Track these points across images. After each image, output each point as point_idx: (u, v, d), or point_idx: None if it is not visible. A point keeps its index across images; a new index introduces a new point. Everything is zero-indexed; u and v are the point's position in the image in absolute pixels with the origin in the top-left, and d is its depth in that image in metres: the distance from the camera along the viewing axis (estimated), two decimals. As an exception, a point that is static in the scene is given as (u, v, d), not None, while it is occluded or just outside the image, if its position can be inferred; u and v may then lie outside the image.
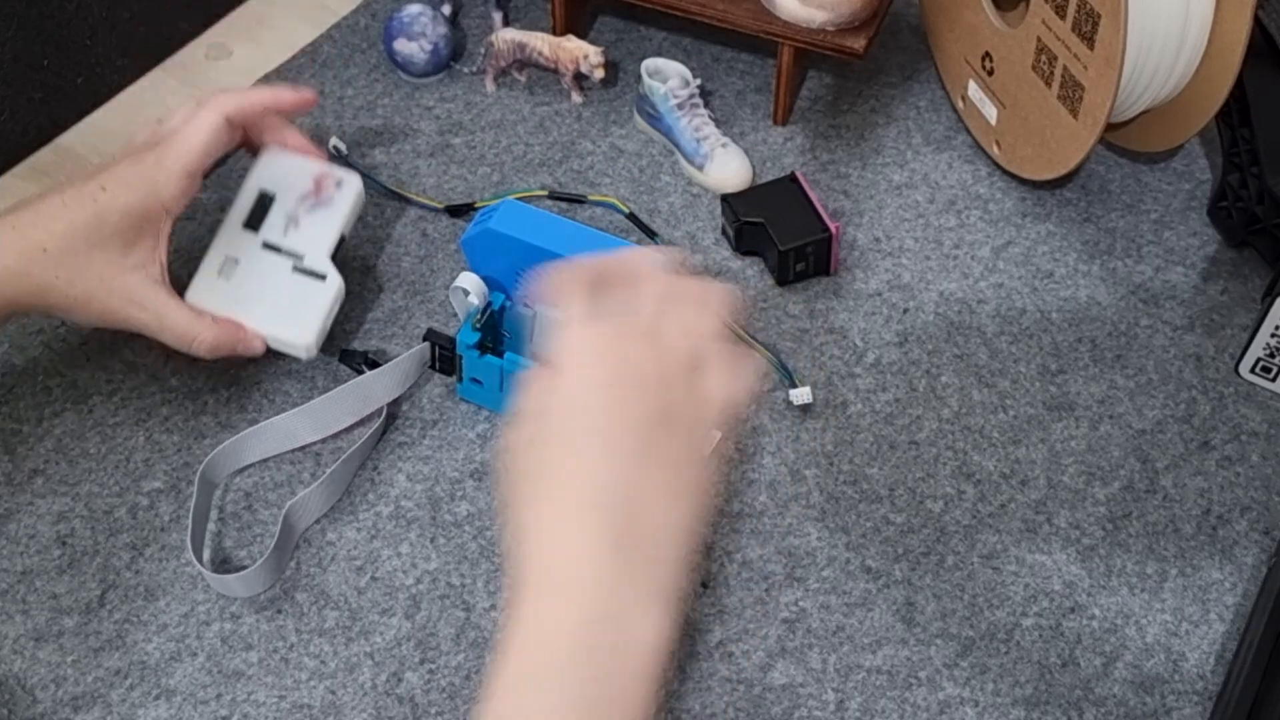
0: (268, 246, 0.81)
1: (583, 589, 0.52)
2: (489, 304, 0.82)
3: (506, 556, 0.55)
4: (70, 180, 0.75)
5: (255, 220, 0.81)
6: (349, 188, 0.82)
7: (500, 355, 0.80)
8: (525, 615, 0.52)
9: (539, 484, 0.54)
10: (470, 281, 0.81)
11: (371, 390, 0.81)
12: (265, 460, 0.81)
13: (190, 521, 0.75)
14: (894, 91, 1.04)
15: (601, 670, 0.52)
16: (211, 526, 0.78)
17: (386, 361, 0.82)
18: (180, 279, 0.91)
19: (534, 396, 0.54)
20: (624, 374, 0.54)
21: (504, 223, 0.80)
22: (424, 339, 0.83)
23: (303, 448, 0.81)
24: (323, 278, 0.80)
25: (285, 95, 0.82)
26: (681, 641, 0.73)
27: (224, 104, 0.78)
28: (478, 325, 0.80)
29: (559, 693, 0.51)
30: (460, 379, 0.82)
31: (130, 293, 0.75)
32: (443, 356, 0.83)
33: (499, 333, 0.83)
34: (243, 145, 0.82)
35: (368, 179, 0.96)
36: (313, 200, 0.82)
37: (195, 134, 0.76)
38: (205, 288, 0.79)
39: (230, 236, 0.81)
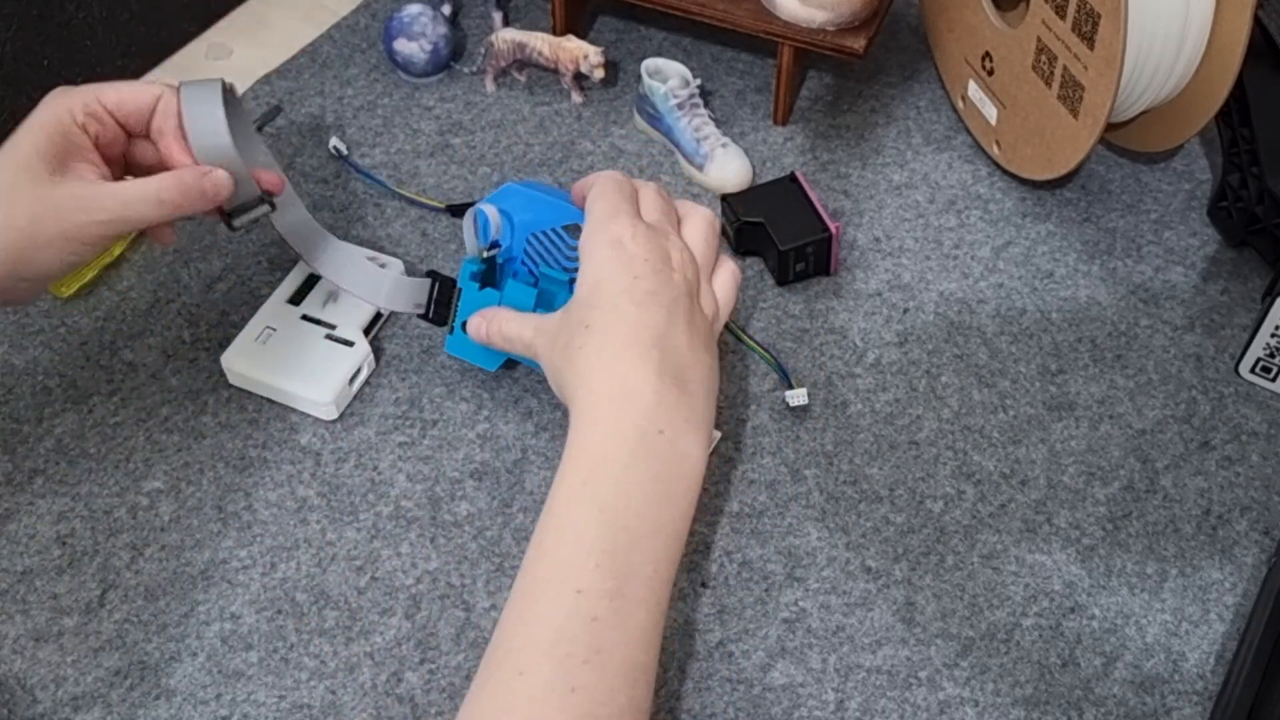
0: (306, 318, 0.85)
1: (641, 405, 0.61)
2: (496, 242, 0.79)
3: (566, 398, 0.65)
4: None
5: (298, 297, 0.86)
6: (391, 270, 0.87)
7: (499, 290, 0.79)
8: (589, 427, 0.62)
9: (597, 331, 0.64)
10: (492, 212, 0.79)
11: (379, 283, 0.83)
12: (265, 453, 0.81)
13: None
14: (894, 91, 1.04)
15: (657, 473, 0.61)
16: (212, 526, 0.78)
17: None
18: (183, 279, 0.91)
19: (593, 268, 0.66)
20: (662, 259, 0.66)
21: (507, 200, 0.78)
22: (426, 274, 0.82)
23: (303, 447, 0.81)
24: (351, 344, 0.84)
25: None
26: (681, 641, 0.73)
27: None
28: (485, 255, 0.79)
29: (616, 486, 0.60)
30: (451, 329, 0.81)
31: (75, 199, 0.69)
32: (440, 300, 0.82)
33: (499, 278, 0.81)
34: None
35: (368, 179, 0.96)
36: None
37: (106, 88, 0.73)
38: (242, 351, 0.84)
39: (273, 309, 0.86)
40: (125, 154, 0.74)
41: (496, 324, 0.73)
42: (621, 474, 0.60)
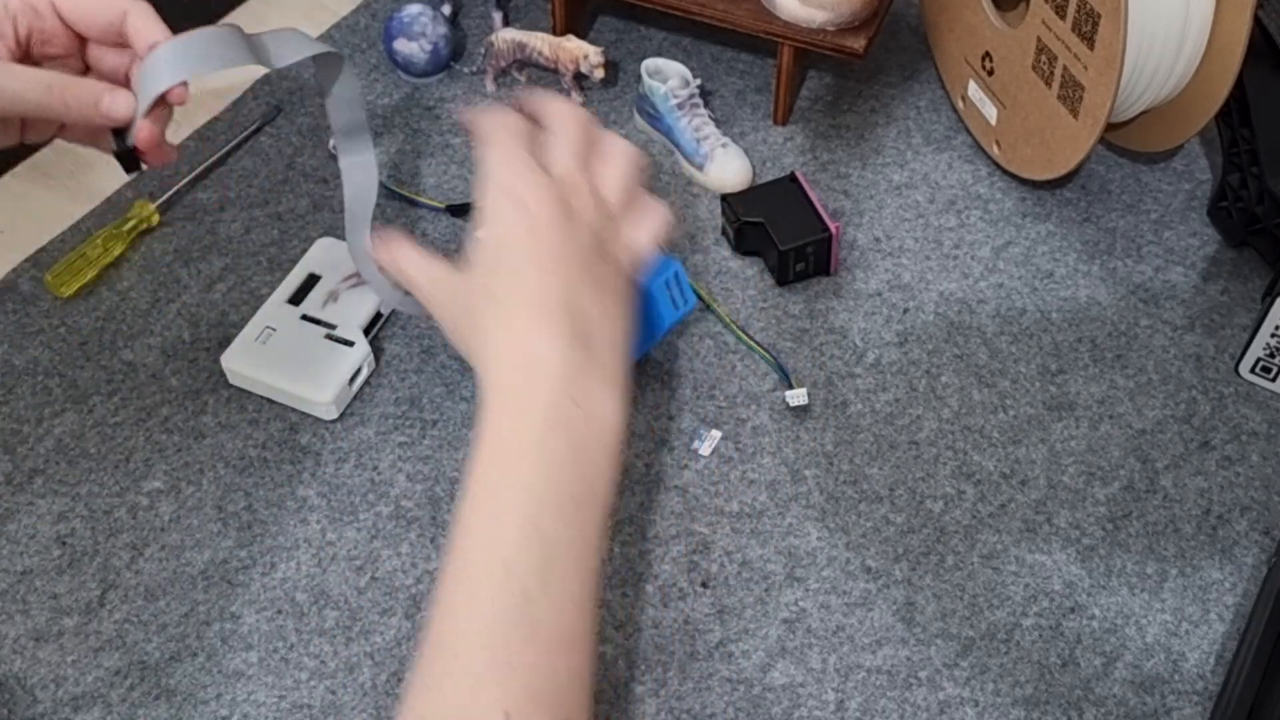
0: (306, 318, 0.85)
1: (550, 373, 0.60)
2: None
3: (473, 364, 0.63)
4: None
5: (298, 297, 0.86)
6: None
7: None
8: (499, 402, 0.61)
9: (500, 299, 0.62)
10: None
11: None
12: (265, 453, 0.81)
13: None
14: (894, 91, 1.04)
15: (574, 442, 0.60)
16: (212, 526, 0.78)
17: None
18: (183, 279, 0.91)
19: (492, 229, 0.64)
20: (563, 210, 0.64)
21: None
22: None
23: (303, 447, 0.81)
24: (351, 344, 0.83)
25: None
26: (681, 641, 0.73)
27: None
28: None
29: (533, 461, 0.59)
30: None
31: None
32: None
33: None
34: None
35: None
36: (355, 280, 0.86)
37: None
38: (241, 351, 0.84)
39: (273, 310, 0.86)
40: (82, 57, 0.69)
41: (398, 258, 0.69)
42: (537, 449, 0.59)
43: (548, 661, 0.56)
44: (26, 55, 0.67)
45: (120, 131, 0.67)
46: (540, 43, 0.99)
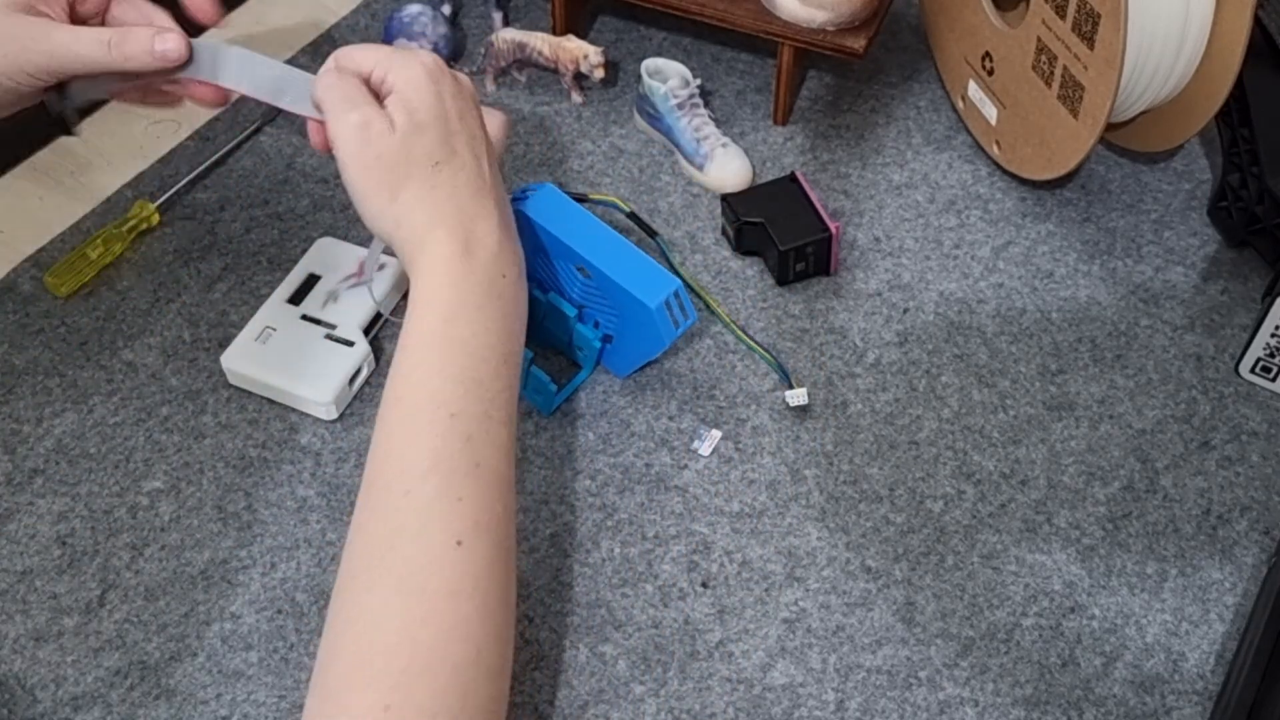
0: (306, 318, 0.85)
1: (489, 254, 0.67)
2: None
3: (406, 228, 0.67)
4: None
5: (298, 297, 0.86)
6: (390, 270, 0.88)
7: None
8: (442, 268, 0.66)
9: (438, 174, 0.67)
10: None
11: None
12: (265, 453, 0.81)
13: None
14: (894, 91, 1.04)
15: (504, 310, 0.67)
16: (212, 526, 0.78)
17: None
18: (183, 279, 0.91)
19: (419, 99, 0.67)
20: (456, 99, 0.69)
21: (536, 208, 0.80)
22: None
23: (303, 447, 0.82)
24: (351, 344, 0.84)
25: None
26: (681, 641, 0.73)
27: None
28: None
29: (472, 323, 0.66)
30: None
31: (27, 30, 0.70)
32: None
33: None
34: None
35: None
36: (354, 280, 0.87)
37: None
38: (241, 351, 0.84)
39: (273, 310, 0.86)
40: (105, 13, 0.75)
41: (325, 79, 0.69)
42: (477, 314, 0.66)
43: (489, 497, 0.63)
44: (73, 17, 0.73)
45: (60, 87, 0.72)
46: (540, 43, 0.99)
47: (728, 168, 0.95)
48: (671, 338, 0.79)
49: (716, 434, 0.82)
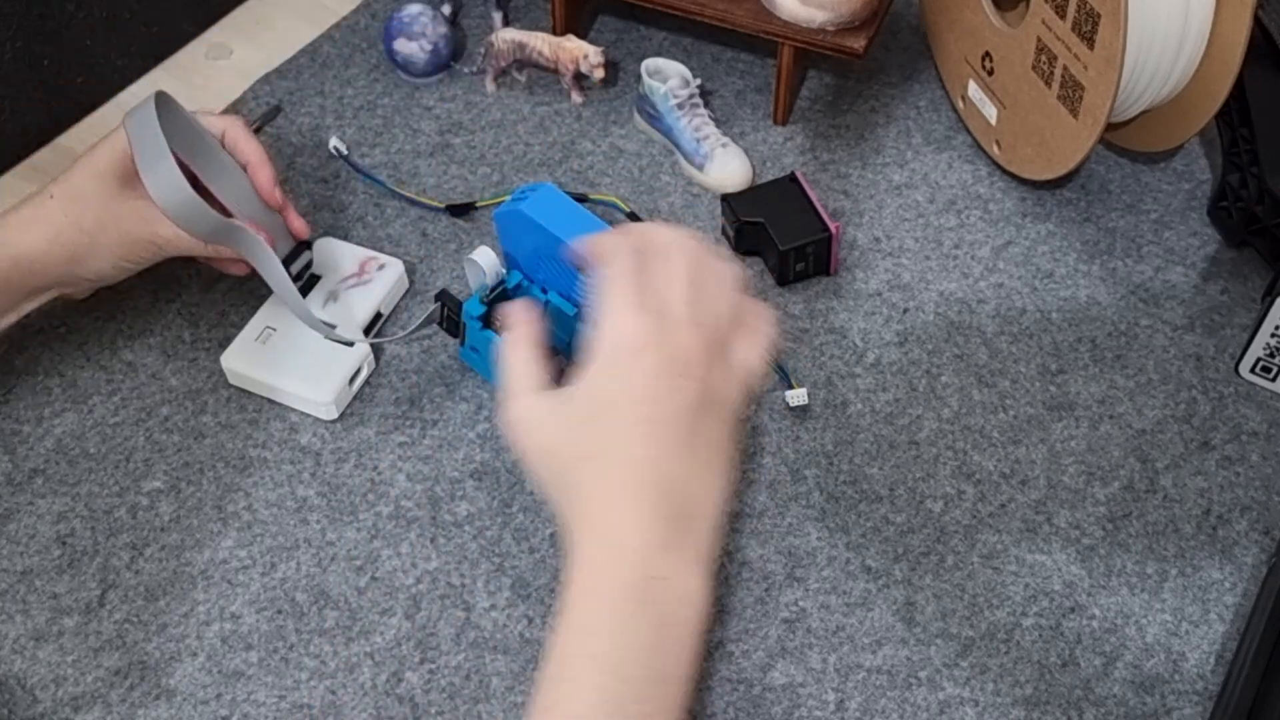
0: None
1: (636, 550, 0.57)
2: (502, 281, 0.81)
3: (562, 530, 0.60)
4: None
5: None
6: (391, 270, 0.88)
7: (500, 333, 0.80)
8: (581, 576, 0.58)
9: (595, 464, 0.59)
10: (485, 257, 0.80)
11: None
12: (265, 453, 0.81)
13: None
14: (894, 91, 1.04)
15: (657, 620, 0.57)
16: (212, 526, 0.78)
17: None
18: (183, 279, 0.91)
19: (600, 373, 0.60)
20: (673, 362, 0.59)
21: (536, 207, 0.80)
22: (436, 298, 0.82)
23: (303, 447, 0.82)
24: (351, 344, 0.84)
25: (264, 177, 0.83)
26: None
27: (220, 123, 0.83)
28: (486, 300, 0.80)
29: (612, 636, 0.56)
30: (462, 342, 0.83)
31: (138, 212, 0.78)
32: (449, 318, 0.83)
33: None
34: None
35: (368, 179, 0.96)
36: (355, 280, 0.87)
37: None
38: (241, 351, 0.84)
39: (273, 310, 0.86)
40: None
41: (508, 353, 0.65)
42: (618, 624, 0.57)
43: None
44: None
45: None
46: (540, 43, 0.99)
47: (728, 168, 0.95)
48: None
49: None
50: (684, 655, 0.58)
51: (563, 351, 0.86)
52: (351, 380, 0.83)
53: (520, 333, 0.66)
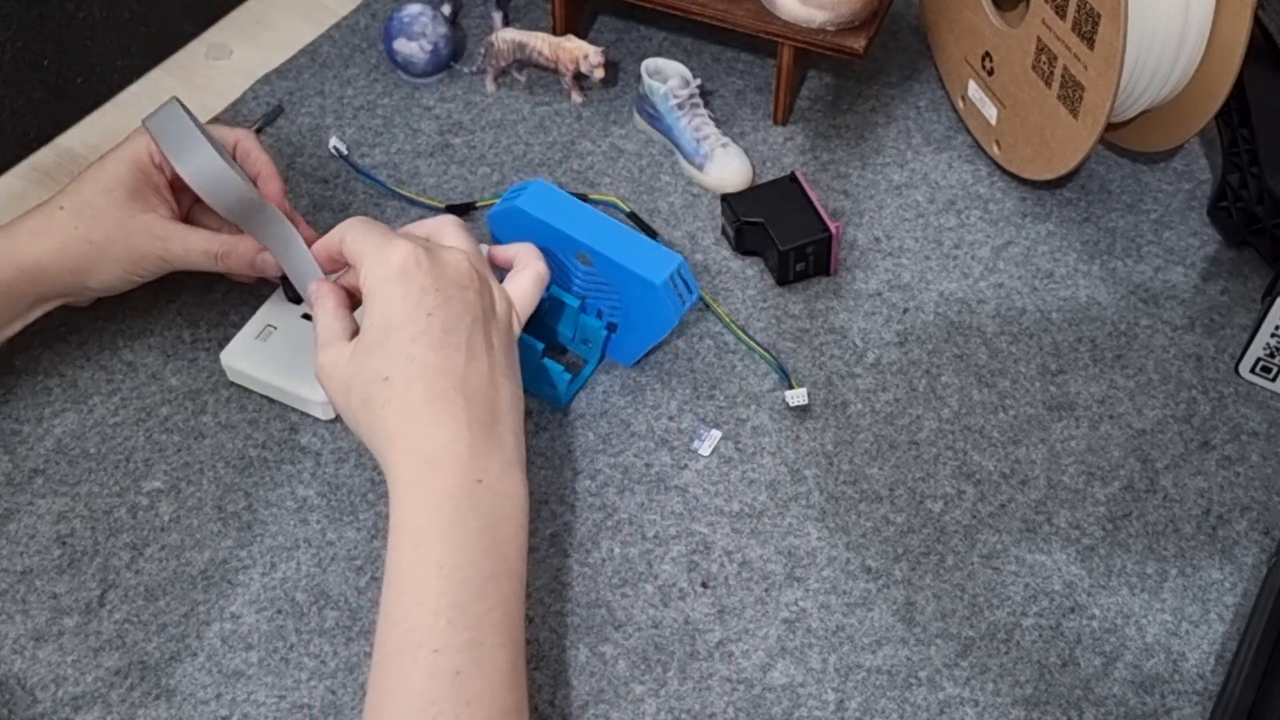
0: (307, 317, 0.84)
1: (456, 462, 0.62)
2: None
3: (379, 459, 0.64)
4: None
5: (299, 295, 0.85)
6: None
7: None
8: (406, 491, 0.62)
9: (394, 383, 0.63)
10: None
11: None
12: (265, 453, 0.81)
13: None
14: (894, 91, 1.04)
15: (484, 521, 0.62)
16: (212, 526, 0.78)
17: None
18: (183, 279, 0.91)
19: (379, 307, 0.65)
20: (443, 278, 0.66)
21: (531, 202, 0.80)
22: None
23: (303, 447, 0.82)
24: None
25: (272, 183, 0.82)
26: (681, 641, 0.73)
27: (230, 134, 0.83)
28: None
29: (447, 545, 0.61)
30: None
31: (147, 227, 0.78)
32: None
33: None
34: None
35: (368, 179, 0.96)
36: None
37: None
38: (241, 349, 0.83)
39: (274, 308, 0.85)
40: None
41: (317, 304, 0.71)
42: (449, 530, 0.61)
43: None
44: (178, 201, 0.81)
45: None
46: (540, 43, 0.99)
47: (728, 168, 0.95)
48: (678, 315, 0.79)
49: (716, 434, 0.82)
50: (513, 552, 0.63)
51: (565, 345, 0.86)
52: None
53: (325, 289, 0.71)
